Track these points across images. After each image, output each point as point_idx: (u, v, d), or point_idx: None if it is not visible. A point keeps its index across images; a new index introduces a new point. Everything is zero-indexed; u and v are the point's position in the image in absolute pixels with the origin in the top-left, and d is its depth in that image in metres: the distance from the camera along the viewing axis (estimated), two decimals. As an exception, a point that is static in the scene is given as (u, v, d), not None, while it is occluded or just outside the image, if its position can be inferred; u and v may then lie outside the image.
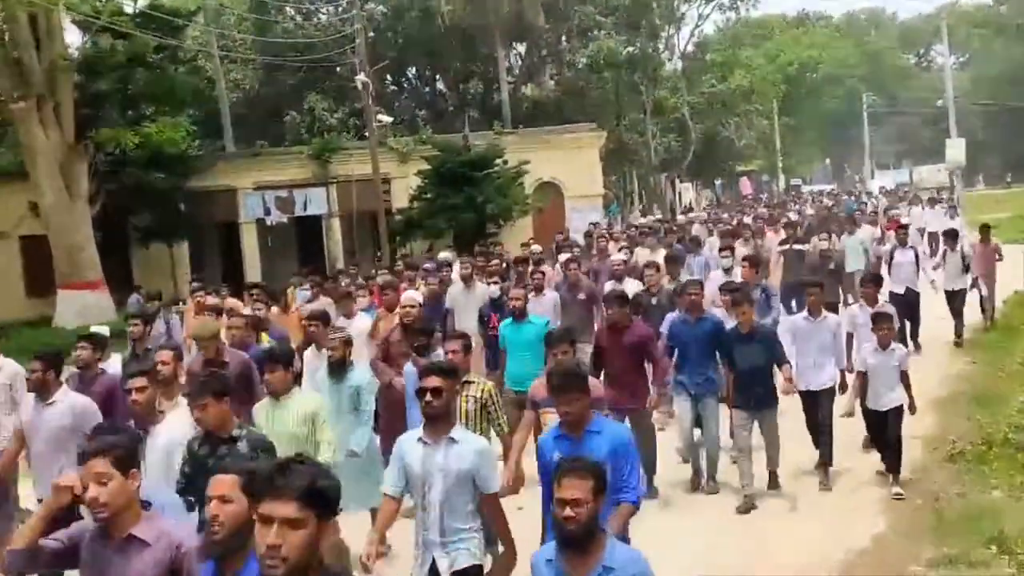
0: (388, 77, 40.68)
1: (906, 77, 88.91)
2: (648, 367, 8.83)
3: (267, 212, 29.90)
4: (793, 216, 26.26)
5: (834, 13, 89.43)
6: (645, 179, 50.10)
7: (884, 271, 14.57)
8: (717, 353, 8.90)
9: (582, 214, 29.96)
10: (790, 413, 9.24)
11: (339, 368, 7.61)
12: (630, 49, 40.39)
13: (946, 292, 14.98)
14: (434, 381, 5.11)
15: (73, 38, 27.87)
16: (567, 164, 30.86)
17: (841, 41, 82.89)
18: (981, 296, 15.62)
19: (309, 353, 8.98)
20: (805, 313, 9.30)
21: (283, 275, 21.01)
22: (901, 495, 8.23)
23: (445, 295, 12.40)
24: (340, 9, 37.17)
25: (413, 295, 9.83)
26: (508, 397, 8.46)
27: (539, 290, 11.67)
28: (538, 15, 36.79)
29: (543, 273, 12.86)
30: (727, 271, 12.23)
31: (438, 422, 5.10)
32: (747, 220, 25.43)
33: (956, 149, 46.46)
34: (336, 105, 36.20)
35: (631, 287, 11.41)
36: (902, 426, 8.48)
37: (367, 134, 29.04)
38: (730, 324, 8.98)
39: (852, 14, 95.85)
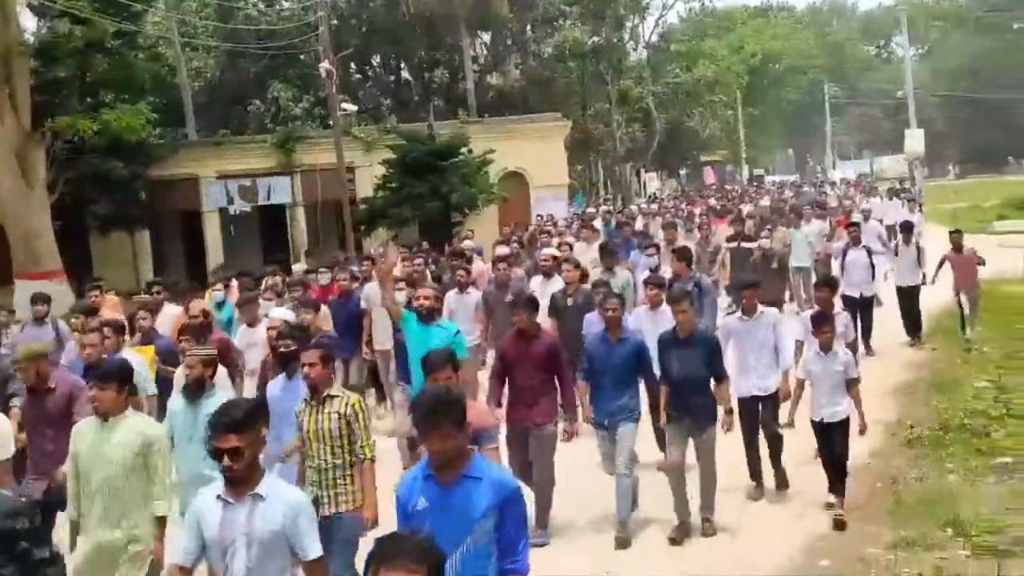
0: (352, 65, 40.42)
1: (867, 68, 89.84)
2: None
3: (230, 201, 29.62)
4: (748, 208, 25.49)
5: (797, 4, 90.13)
6: (610, 169, 50.25)
7: (837, 270, 13.84)
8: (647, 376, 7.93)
9: (547, 204, 30.02)
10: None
11: (196, 391, 6.62)
12: (595, 39, 40.47)
13: (898, 288, 14.16)
14: (231, 441, 4.10)
15: (29, 23, 27.46)
16: (532, 154, 30.85)
17: (803, 32, 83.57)
18: (963, 313, 13.86)
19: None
20: (739, 313, 8.59)
21: (247, 264, 20.86)
22: (842, 519, 7.43)
23: (358, 293, 11.62)
24: (303, -3, 36.87)
25: (280, 314, 9.07)
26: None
27: (463, 288, 11.18)
28: (503, 4, 36.72)
29: (467, 270, 12.06)
30: (653, 271, 11.23)
31: (240, 483, 4.21)
32: (696, 211, 25.30)
33: (915, 140, 47.09)
34: (300, 94, 35.92)
35: (557, 286, 10.65)
36: (848, 443, 7.67)
37: (331, 123, 28.85)
38: (659, 327, 8.22)
39: (814, 5, 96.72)
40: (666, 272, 11.03)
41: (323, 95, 31.09)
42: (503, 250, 14.34)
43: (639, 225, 20.80)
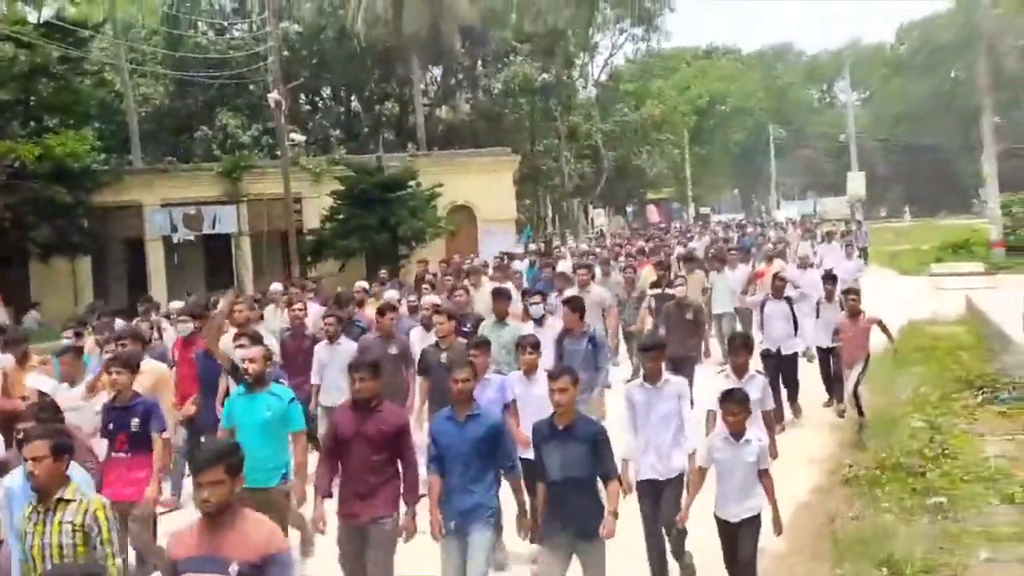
0: (302, 96, 40.35)
1: (811, 111, 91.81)
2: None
3: (174, 229, 29.25)
4: (680, 249, 24.02)
5: (743, 47, 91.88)
6: (558, 204, 50.59)
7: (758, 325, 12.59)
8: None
9: (495, 237, 30.12)
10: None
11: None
12: (545, 76, 40.87)
13: (818, 350, 12.45)
14: None
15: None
16: (481, 187, 30.99)
17: (748, 74, 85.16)
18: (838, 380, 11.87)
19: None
20: (640, 380, 7.15)
21: (191, 294, 20.60)
22: None
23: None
24: (255, 26, 36.75)
25: (34, 382, 7.94)
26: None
27: (332, 338, 10.03)
28: (455, 39, 36.96)
29: (337, 317, 10.46)
30: (537, 321, 9.51)
31: None
32: (625, 252, 23.22)
33: (857, 182, 48.21)
34: (249, 123, 35.74)
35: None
36: (758, 542, 6.47)
37: (279, 152, 28.73)
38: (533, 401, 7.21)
39: (759, 48, 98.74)
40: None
41: (272, 125, 30.97)
42: (391, 294, 12.75)
43: (567, 266, 18.36)
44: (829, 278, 13.11)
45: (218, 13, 38.64)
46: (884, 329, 11.63)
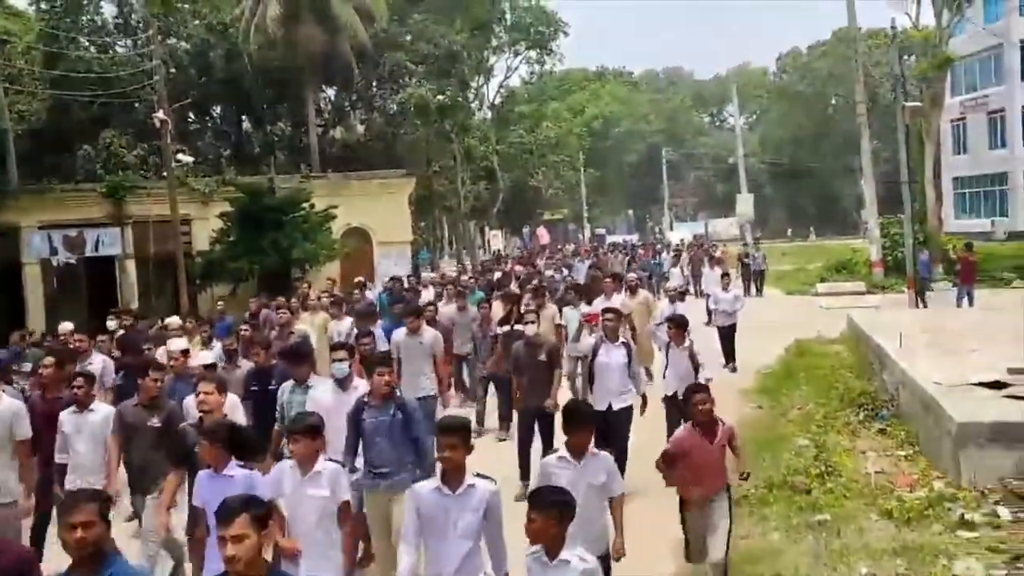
0: (191, 115, 39.45)
1: (701, 134, 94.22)
2: None
3: (54, 252, 28.21)
4: (553, 274, 22.04)
5: (633, 69, 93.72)
6: (455, 226, 50.60)
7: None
8: None
9: (391, 260, 29.93)
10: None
11: None
12: (440, 97, 40.92)
13: (665, 399, 10.48)
14: None
15: None
16: (376, 210, 30.77)
17: (638, 96, 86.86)
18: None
19: None
20: (436, 482, 5.34)
21: (71, 319, 19.80)
22: None
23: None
24: (139, 43, 35.79)
25: None
26: None
27: (81, 404, 8.23)
28: (349, 59, 36.70)
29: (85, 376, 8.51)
30: (340, 382, 7.87)
31: None
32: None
33: (745, 204, 49.56)
34: (135, 142, 34.70)
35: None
36: None
37: (166, 173, 28.00)
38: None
39: (650, 71, 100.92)
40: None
41: (159, 144, 30.17)
42: (177, 344, 11.35)
43: (428, 297, 16.79)
44: (678, 322, 10.46)
45: (100, 29, 37.45)
46: (733, 446, 7.40)
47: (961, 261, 24.46)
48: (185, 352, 10.26)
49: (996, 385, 10.22)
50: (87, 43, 36.37)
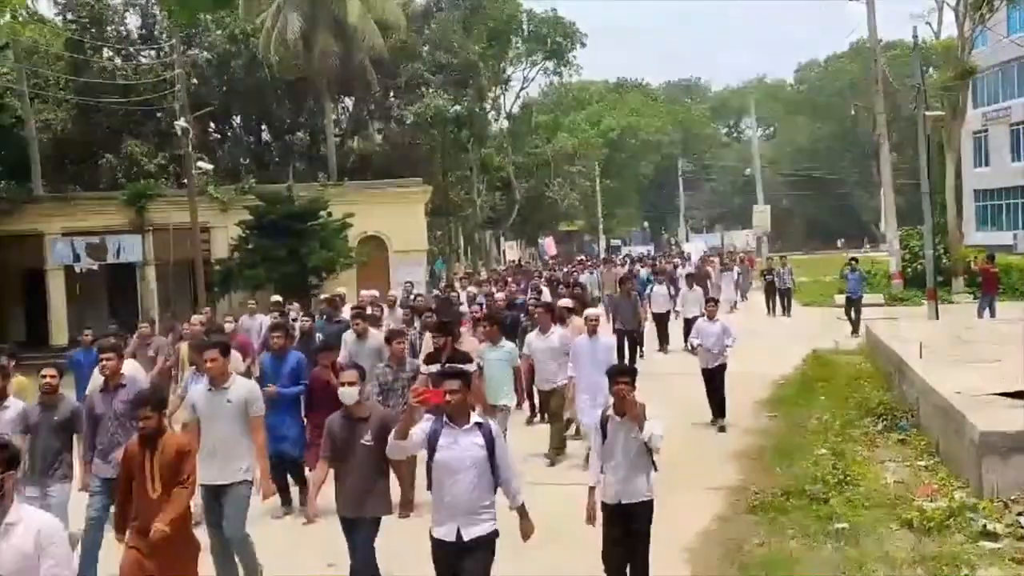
0: (211, 124, 39.72)
1: (718, 146, 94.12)
2: None
3: (76, 259, 28.48)
4: (497, 296, 18.08)
5: (651, 81, 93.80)
6: (470, 235, 50.70)
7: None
8: None
9: (407, 268, 30.00)
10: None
11: None
12: (457, 108, 41.05)
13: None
14: None
15: None
16: (392, 218, 30.87)
17: (656, 108, 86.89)
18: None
19: None
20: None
21: (92, 325, 19.96)
22: None
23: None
24: (162, 53, 36.11)
25: None
26: None
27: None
28: (367, 70, 36.89)
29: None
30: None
31: None
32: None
33: (762, 215, 49.49)
34: (156, 151, 34.99)
35: None
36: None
37: (186, 181, 28.21)
38: None
39: (668, 83, 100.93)
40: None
41: (179, 153, 30.41)
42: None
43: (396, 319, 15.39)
44: (618, 375, 6.77)
45: (124, 39, 37.83)
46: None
47: (982, 272, 24.35)
48: None
49: (1019, 395, 10.17)
50: (111, 53, 36.72)
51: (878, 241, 57.27)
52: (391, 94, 42.67)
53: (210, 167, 31.28)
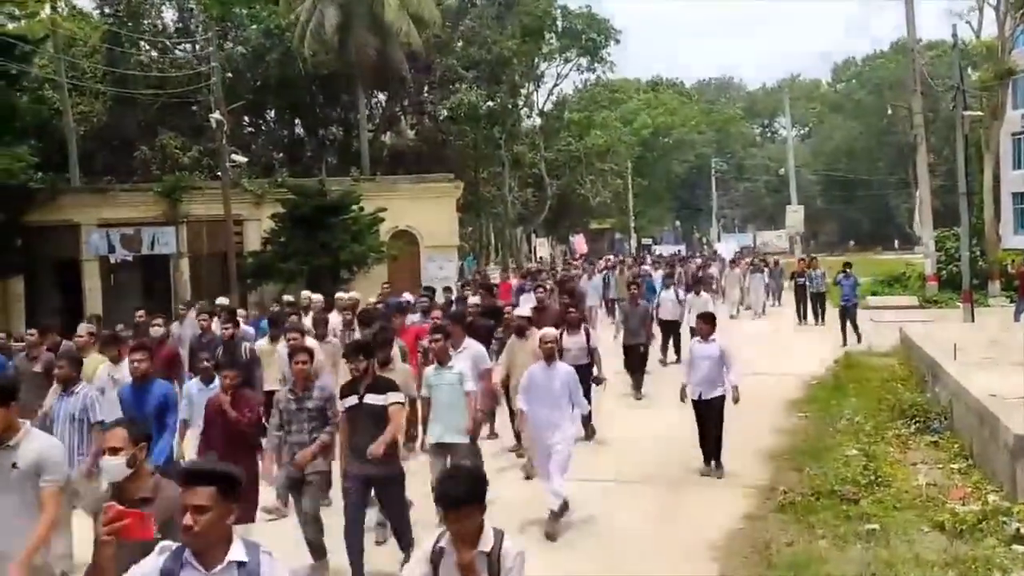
0: (245, 118, 40.03)
1: (752, 145, 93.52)
2: None
3: (111, 250, 28.78)
4: (471, 300, 15.99)
5: (685, 80, 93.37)
6: (502, 232, 50.70)
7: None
8: None
9: (437, 263, 30.08)
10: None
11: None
12: (490, 103, 41.03)
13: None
14: None
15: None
16: (424, 213, 30.94)
17: (690, 107, 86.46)
18: None
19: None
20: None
21: (127, 315, 20.18)
22: None
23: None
24: (198, 47, 36.41)
25: None
26: None
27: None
28: (401, 65, 37.00)
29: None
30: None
31: None
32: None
33: (795, 215, 49.11)
34: (190, 143, 35.31)
35: None
36: None
37: (220, 174, 28.44)
38: None
39: (702, 81, 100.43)
40: None
41: (213, 146, 30.67)
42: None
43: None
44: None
45: (161, 32, 38.22)
46: None
47: (1019, 275, 24.00)
48: None
49: (1054, 399, 10.02)
50: (147, 46, 37.09)
51: (912, 243, 56.58)
52: (424, 89, 42.77)
53: (244, 160, 31.51)
